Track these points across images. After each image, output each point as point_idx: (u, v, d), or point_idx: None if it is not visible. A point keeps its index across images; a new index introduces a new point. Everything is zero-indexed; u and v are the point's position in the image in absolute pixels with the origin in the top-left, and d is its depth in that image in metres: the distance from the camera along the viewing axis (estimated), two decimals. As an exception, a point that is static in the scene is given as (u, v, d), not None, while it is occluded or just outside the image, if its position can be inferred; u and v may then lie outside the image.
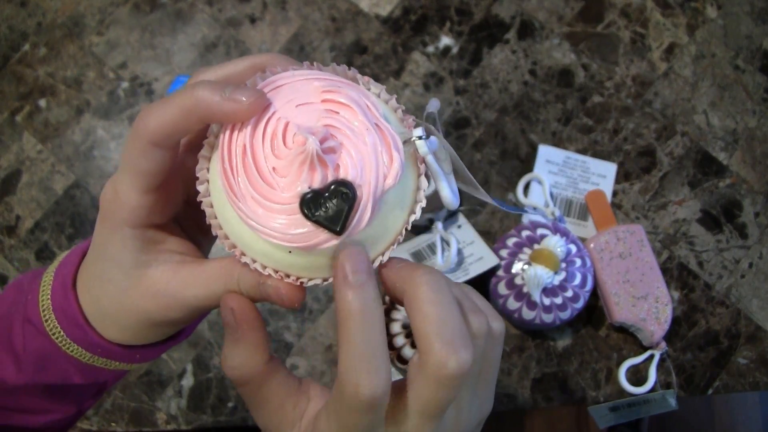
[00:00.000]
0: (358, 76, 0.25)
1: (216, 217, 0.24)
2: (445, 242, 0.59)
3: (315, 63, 0.25)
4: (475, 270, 0.57)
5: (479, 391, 0.25)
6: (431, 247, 0.59)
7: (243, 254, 0.24)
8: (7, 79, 0.67)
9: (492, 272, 0.58)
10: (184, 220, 0.29)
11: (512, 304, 0.56)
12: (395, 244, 0.24)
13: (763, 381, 0.60)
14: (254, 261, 0.24)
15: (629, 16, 0.69)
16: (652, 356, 0.59)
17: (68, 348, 0.28)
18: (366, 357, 0.21)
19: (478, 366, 0.25)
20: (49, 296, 0.27)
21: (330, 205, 0.22)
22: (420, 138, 0.24)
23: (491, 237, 0.63)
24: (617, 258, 0.59)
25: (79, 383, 0.29)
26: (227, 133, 0.22)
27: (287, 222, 0.22)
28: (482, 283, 0.60)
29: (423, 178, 0.25)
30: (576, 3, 0.69)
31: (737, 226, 0.63)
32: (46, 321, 0.27)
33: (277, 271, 0.24)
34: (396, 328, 0.56)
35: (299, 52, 0.68)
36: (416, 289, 0.23)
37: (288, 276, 0.24)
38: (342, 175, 0.22)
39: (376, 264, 0.24)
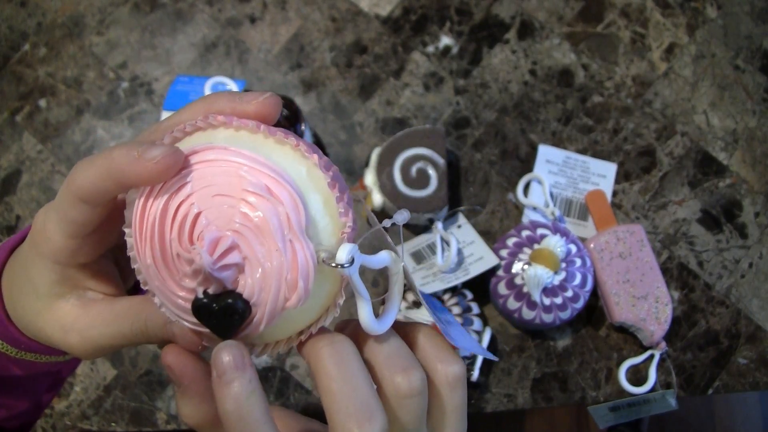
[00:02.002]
0: (309, 150, 0.23)
1: (137, 262, 0.23)
2: (445, 242, 0.59)
3: (262, 126, 0.23)
4: (475, 270, 0.57)
5: None
6: (431, 247, 0.59)
7: (154, 295, 0.24)
8: (7, 79, 0.67)
9: (492, 272, 0.58)
10: (120, 250, 0.28)
11: (512, 304, 0.56)
12: (296, 341, 0.24)
13: (763, 381, 0.60)
14: (163, 305, 0.24)
15: (629, 16, 0.69)
16: (652, 356, 0.59)
17: None
18: (357, 402, 0.21)
19: (414, 424, 0.24)
20: None
21: (220, 318, 0.21)
22: (342, 266, 0.21)
23: (491, 237, 0.63)
24: (617, 258, 0.59)
25: (20, 375, 0.29)
26: (142, 199, 0.22)
27: (185, 308, 0.22)
28: (482, 283, 0.60)
29: (341, 294, 0.23)
30: (576, 3, 0.69)
31: (737, 226, 0.63)
32: None
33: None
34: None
35: (299, 52, 0.68)
36: (317, 365, 0.23)
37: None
38: (239, 290, 0.21)
39: (275, 353, 0.24)
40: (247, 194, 0.21)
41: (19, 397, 0.31)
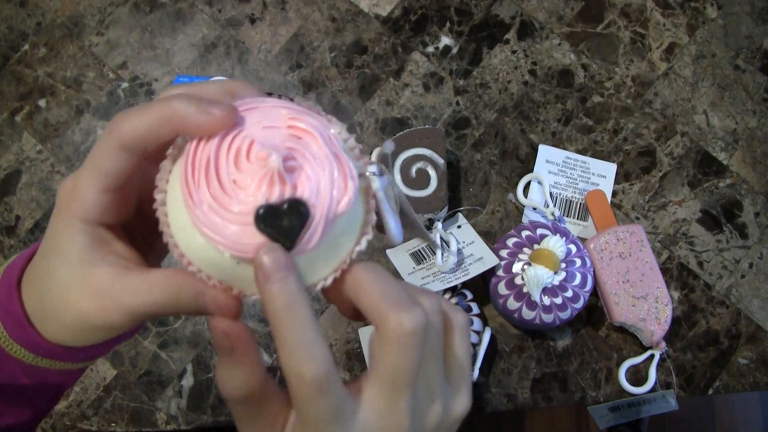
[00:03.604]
0: (322, 113, 0.26)
1: (169, 226, 0.25)
2: (445, 242, 0.59)
3: (283, 96, 0.27)
4: (475, 270, 0.57)
5: (450, 371, 0.26)
6: (431, 247, 0.59)
7: (190, 263, 0.25)
8: (7, 79, 0.67)
9: (492, 272, 0.58)
10: (133, 231, 0.29)
11: (512, 304, 0.56)
12: (338, 272, 0.25)
13: (763, 381, 0.60)
14: (200, 271, 0.25)
15: (629, 16, 0.69)
16: (652, 356, 0.59)
17: (11, 348, 0.27)
18: (300, 346, 0.22)
19: (439, 337, 0.25)
20: None
21: (283, 220, 0.23)
22: (374, 174, 0.26)
23: (491, 237, 0.63)
24: (617, 258, 0.59)
25: (27, 384, 0.29)
26: (194, 143, 0.24)
27: (240, 232, 0.23)
28: (482, 283, 0.60)
29: (372, 214, 0.26)
30: (576, 3, 0.69)
31: (737, 226, 0.63)
32: None
33: (221, 283, 0.25)
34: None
35: (299, 52, 0.68)
36: (355, 275, 0.25)
37: (231, 289, 0.25)
38: (299, 194, 0.23)
39: (319, 287, 0.25)
40: (294, 121, 0.24)
41: (22, 406, 0.31)
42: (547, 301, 0.55)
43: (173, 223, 0.24)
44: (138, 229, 0.29)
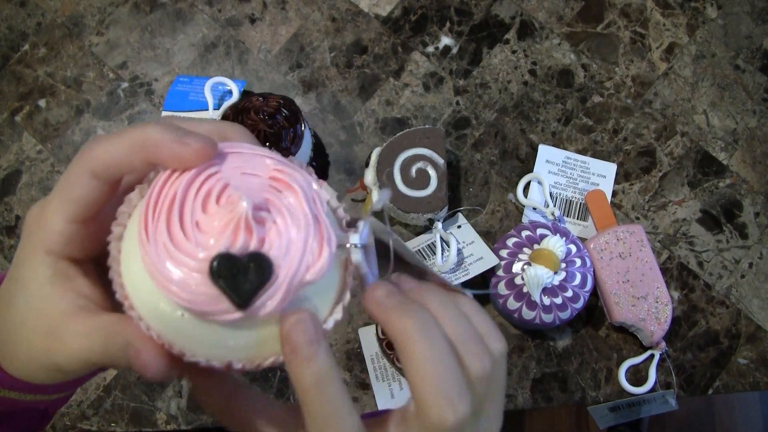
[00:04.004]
0: (313, 174, 0.24)
1: (119, 263, 0.22)
2: (445, 242, 0.59)
3: (274, 150, 0.25)
4: (475, 270, 0.57)
5: (487, 411, 0.25)
6: (431, 247, 0.59)
7: (132, 308, 0.22)
8: (7, 79, 0.67)
9: (492, 272, 0.58)
10: (106, 266, 0.27)
11: (512, 304, 0.56)
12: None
13: (763, 381, 0.60)
14: (141, 319, 0.22)
15: (629, 16, 0.69)
16: (652, 356, 0.59)
17: None
18: (331, 424, 0.22)
19: (479, 405, 0.24)
20: None
21: (240, 275, 0.20)
22: (356, 246, 0.23)
23: (491, 237, 0.63)
24: (617, 258, 0.59)
25: (3, 411, 0.28)
26: (163, 176, 0.22)
27: (191, 279, 0.20)
28: (482, 283, 0.60)
29: (350, 281, 0.24)
30: (576, 3, 0.69)
31: (737, 226, 0.63)
32: None
33: (159, 337, 0.22)
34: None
35: (299, 52, 0.68)
36: (407, 343, 0.23)
37: (171, 346, 0.22)
38: (265, 249, 0.21)
39: (269, 361, 0.23)
40: (278, 172, 0.22)
41: (9, 428, 0.30)
42: (547, 301, 0.55)
43: (125, 260, 0.22)
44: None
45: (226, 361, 0.22)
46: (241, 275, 0.20)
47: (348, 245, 0.23)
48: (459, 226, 0.61)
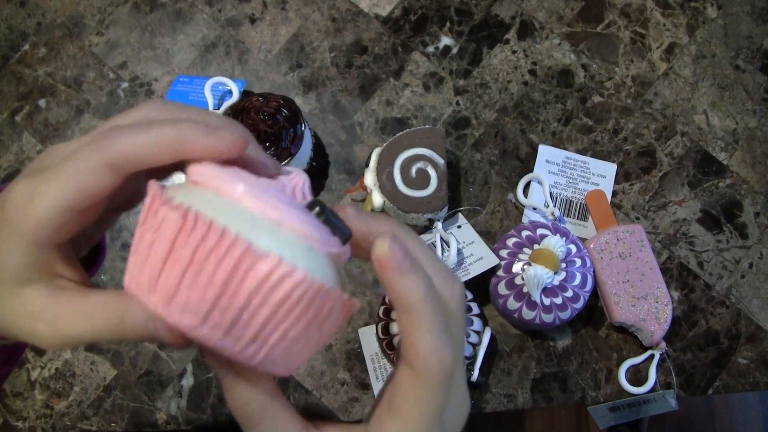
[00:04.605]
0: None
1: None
2: (445, 242, 0.59)
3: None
4: (475, 270, 0.57)
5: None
6: (431, 247, 0.59)
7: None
8: (7, 79, 0.67)
9: (492, 272, 0.58)
10: (76, 239, 0.26)
11: (512, 304, 0.56)
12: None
13: (763, 381, 0.60)
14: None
15: (629, 16, 0.69)
16: (652, 356, 0.59)
17: None
18: (442, 334, 0.22)
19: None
20: None
21: (334, 218, 0.23)
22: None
23: (491, 237, 0.63)
24: (617, 258, 0.59)
25: None
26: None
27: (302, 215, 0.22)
28: (482, 283, 0.60)
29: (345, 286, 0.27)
30: (576, 3, 0.69)
31: (737, 226, 0.63)
32: None
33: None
34: (396, 328, 0.56)
35: (299, 52, 0.68)
36: (404, 292, 0.22)
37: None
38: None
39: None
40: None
41: None
42: (547, 301, 0.55)
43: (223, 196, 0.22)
44: (84, 237, 0.27)
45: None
46: (334, 218, 0.23)
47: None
48: (459, 226, 0.61)
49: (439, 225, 0.59)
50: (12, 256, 0.22)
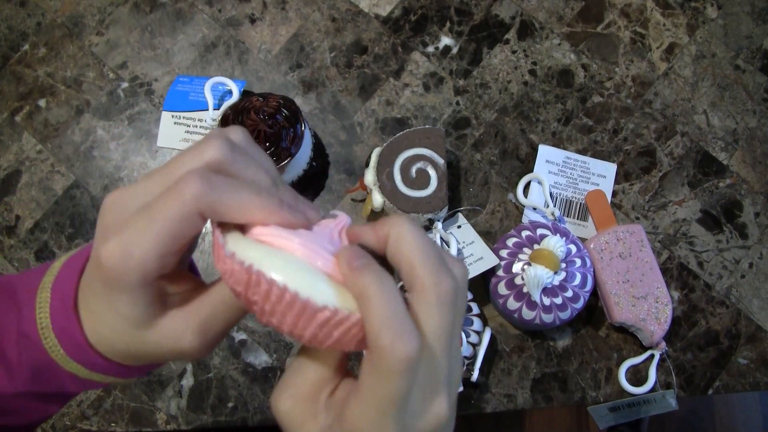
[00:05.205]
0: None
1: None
2: (445, 242, 0.59)
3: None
4: (475, 270, 0.57)
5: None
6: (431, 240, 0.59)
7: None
8: (7, 79, 0.67)
9: (492, 272, 0.58)
10: None
11: (512, 304, 0.56)
12: None
13: (763, 381, 0.60)
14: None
15: (629, 16, 0.69)
16: (652, 356, 0.59)
17: (67, 365, 0.27)
18: (394, 320, 0.22)
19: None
20: (48, 314, 0.27)
21: None
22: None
23: (491, 237, 0.63)
24: (617, 258, 0.59)
25: (74, 392, 0.29)
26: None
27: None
28: (482, 283, 0.60)
29: None
30: (576, 3, 0.69)
31: (737, 226, 0.63)
32: (45, 339, 0.27)
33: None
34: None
35: (299, 52, 0.68)
36: (400, 228, 0.25)
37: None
38: None
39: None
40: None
41: (57, 404, 0.31)
42: (547, 301, 0.55)
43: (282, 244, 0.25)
44: None
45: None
46: None
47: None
48: (459, 226, 0.61)
49: (439, 225, 0.59)
50: (133, 305, 0.25)
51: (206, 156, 0.24)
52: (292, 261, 0.24)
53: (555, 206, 0.62)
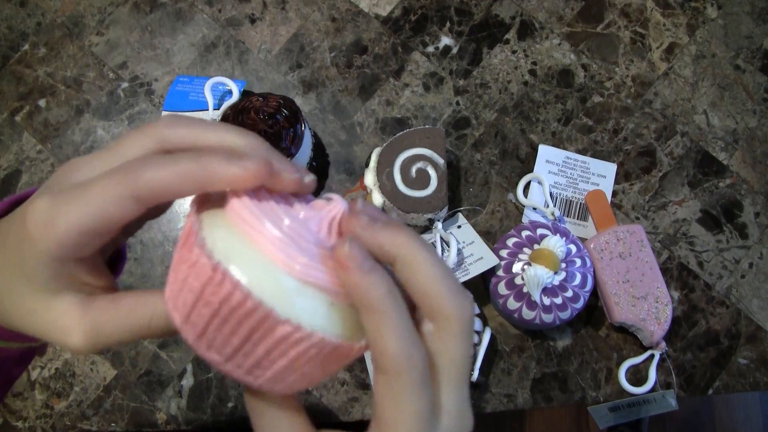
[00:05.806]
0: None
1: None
2: (445, 242, 0.59)
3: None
4: (475, 270, 0.57)
5: None
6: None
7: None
8: (7, 79, 0.67)
9: (492, 272, 0.58)
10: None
11: (512, 304, 0.56)
12: None
13: (763, 381, 0.60)
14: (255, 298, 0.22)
15: (629, 16, 0.69)
16: (652, 356, 0.59)
17: None
18: (409, 330, 0.21)
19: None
20: None
21: None
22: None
23: (491, 237, 0.63)
24: (617, 258, 0.59)
25: None
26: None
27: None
28: (482, 283, 0.60)
29: None
30: (576, 3, 0.69)
31: (737, 226, 0.63)
32: None
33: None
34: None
35: (299, 52, 0.68)
36: (414, 255, 0.22)
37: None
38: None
39: None
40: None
41: None
42: (547, 301, 0.55)
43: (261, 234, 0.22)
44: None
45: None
46: None
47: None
48: (459, 226, 0.61)
49: (439, 225, 0.59)
50: (37, 270, 0.23)
51: (153, 131, 0.24)
52: (265, 263, 0.21)
53: (555, 206, 0.62)
